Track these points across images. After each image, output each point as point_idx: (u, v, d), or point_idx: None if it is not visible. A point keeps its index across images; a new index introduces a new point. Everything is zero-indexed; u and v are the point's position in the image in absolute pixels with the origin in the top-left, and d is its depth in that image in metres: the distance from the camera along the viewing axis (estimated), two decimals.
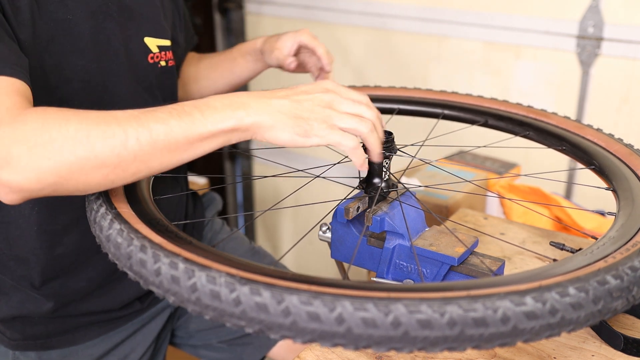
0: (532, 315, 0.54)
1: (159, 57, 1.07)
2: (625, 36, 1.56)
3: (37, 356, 1.08)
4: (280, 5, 2.13)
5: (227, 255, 0.62)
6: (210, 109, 0.70)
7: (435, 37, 1.86)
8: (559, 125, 1.01)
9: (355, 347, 0.54)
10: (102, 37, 0.97)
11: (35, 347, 1.08)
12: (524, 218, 1.48)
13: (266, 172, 2.46)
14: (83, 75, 0.94)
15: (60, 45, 0.91)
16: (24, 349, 1.08)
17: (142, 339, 1.19)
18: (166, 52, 1.09)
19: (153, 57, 1.06)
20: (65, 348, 1.10)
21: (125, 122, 0.68)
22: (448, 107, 1.12)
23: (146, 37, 1.04)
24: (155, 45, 1.06)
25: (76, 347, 1.11)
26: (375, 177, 0.88)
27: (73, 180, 0.67)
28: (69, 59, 0.92)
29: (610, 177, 0.86)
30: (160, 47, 1.07)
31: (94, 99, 0.98)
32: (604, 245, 0.67)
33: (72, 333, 1.10)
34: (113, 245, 0.66)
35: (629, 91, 1.61)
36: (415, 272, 0.82)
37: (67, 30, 0.92)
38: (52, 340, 1.09)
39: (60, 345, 1.09)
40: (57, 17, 0.90)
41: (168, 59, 1.09)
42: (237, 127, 0.70)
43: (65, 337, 1.10)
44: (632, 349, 0.83)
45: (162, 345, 1.26)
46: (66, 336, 1.10)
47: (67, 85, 0.93)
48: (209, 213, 1.38)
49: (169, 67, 1.09)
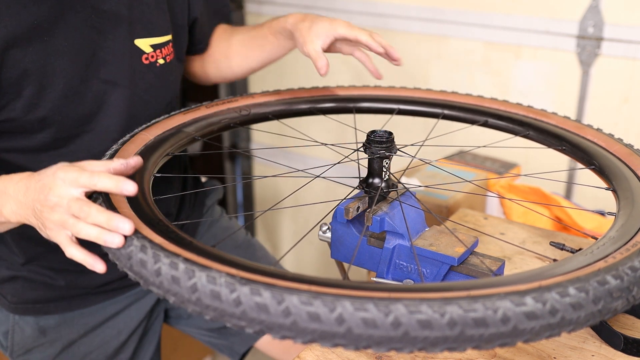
0: (532, 315, 0.54)
1: (154, 56, 1.06)
2: (625, 36, 1.56)
3: (35, 321, 1.13)
4: (280, 5, 2.13)
5: (227, 256, 0.62)
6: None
7: (435, 37, 1.86)
8: (559, 125, 1.01)
9: (355, 347, 0.54)
10: (87, 50, 0.97)
11: (33, 311, 1.13)
12: (524, 218, 1.48)
13: (266, 172, 2.46)
14: (63, 92, 0.96)
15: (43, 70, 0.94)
16: (23, 313, 1.13)
17: (136, 313, 1.22)
18: (162, 48, 1.08)
19: (147, 57, 1.05)
20: (62, 314, 1.14)
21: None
22: (448, 107, 1.12)
23: (137, 40, 1.04)
24: (148, 45, 1.05)
25: (72, 314, 1.15)
26: (375, 177, 0.88)
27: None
28: (53, 79, 0.95)
29: (610, 177, 0.86)
30: (154, 45, 1.06)
31: (86, 111, 0.99)
32: (604, 245, 0.67)
33: (69, 300, 1.14)
34: None
35: (629, 91, 1.61)
36: (415, 272, 0.82)
37: (45, 53, 0.93)
38: (50, 305, 1.13)
39: (56, 310, 1.14)
40: (42, 45, 0.92)
41: (166, 55, 1.09)
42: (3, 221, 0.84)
43: (62, 304, 1.14)
44: (632, 349, 0.83)
45: (155, 322, 1.28)
46: (63, 302, 1.14)
47: (49, 103, 0.95)
48: (209, 200, 1.39)
49: (168, 63, 1.09)
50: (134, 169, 0.79)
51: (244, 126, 1.20)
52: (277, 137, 2.19)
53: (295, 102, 1.16)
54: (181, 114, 1.01)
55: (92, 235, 0.69)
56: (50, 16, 0.93)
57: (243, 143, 2.45)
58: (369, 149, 0.87)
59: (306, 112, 1.15)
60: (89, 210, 0.70)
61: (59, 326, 1.14)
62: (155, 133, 0.93)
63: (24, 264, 1.11)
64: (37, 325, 1.13)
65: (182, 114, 1.01)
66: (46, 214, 0.74)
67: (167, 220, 0.71)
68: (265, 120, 1.13)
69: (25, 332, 1.13)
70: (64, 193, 0.73)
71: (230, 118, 1.06)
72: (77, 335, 1.16)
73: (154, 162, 0.86)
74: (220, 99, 1.10)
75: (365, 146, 0.87)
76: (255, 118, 1.11)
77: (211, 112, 1.05)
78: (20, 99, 0.93)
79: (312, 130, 2.02)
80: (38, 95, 0.94)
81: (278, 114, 1.13)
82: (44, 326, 1.14)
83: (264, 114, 1.12)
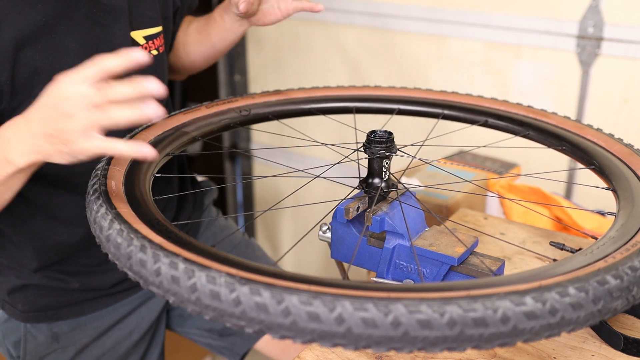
0: (532, 315, 0.54)
1: (148, 48, 1.07)
2: (625, 36, 1.56)
3: (47, 328, 1.12)
4: None
5: (227, 256, 0.62)
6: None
7: (435, 37, 1.86)
8: (559, 125, 1.01)
9: (355, 347, 0.54)
10: (92, 45, 0.97)
11: (46, 318, 1.12)
12: (524, 218, 1.48)
13: (266, 172, 2.46)
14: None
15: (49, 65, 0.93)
16: (35, 321, 1.11)
17: (147, 313, 1.22)
18: (154, 39, 1.08)
19: (142, 49, 1.05)
20: (74, 319, 1.13)
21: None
22: (448, 107, 1.12)
23: (132, 32, 1.04)
24: (141, 37, 1.06)
25: (84, 318, 1.14)
26: (375, 177, 0.88)
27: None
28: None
29: (610, 177, 0.86)
30: (147, 37, 1.07)
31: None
32: (604, 245, 0.67)
33: (80, 305, 1.13)
34: (113, 245, 0.66)
35: (629, 91, 1.61)
36: (415, 272, 0.82)
37: (53, 50, 0.92)
38: (63, 310, 1.12)
39: (69, 315, 1.13)
40: (44, 42, 0.91)
41: (158, 46, 1.09)
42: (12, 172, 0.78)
43: (74, 308, 1.13)
44: (632, 349, 0.83)
45: (160, 325, 1.28)
46: (75, 307, 1.13)
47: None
48: (207, 200, 1.40)
49: (160, 54, 1.10)
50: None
51: (244, 126, 1.20)
52: (277, 137, 2.19)
53: (295, 102, 1.16)
54: (181, 114, 1.01)
55: (131, 115, 0.64)
56: (55, 13, 0.93)
57: (243, 143, 2.45)
58: (369, 149, 0.87)
59: (306, 112, 1.15)
60: (112, 88, 0.64)
61: (72, 331, 1.13)
62: (155, 133, 0.93)
63: (37, 271, 1.09)
64: (50, 331, 1.12)
65: (182, 114, 1.01)
66: (63, 126, 0.68)
67: (167, 220, 0.71)
68: (266, 120, 1.13)
69: (38, 339, 1.12)
70: (74, 92, 0.66)
71: (231, 118, 1.07)
72: (89, 338, 1.15)
73: (154, 162, 0.86)
74: (220, 99, 1.10)
75: (365, 146, 0.87)
76: (255, 118, 1.11)
77: (211, 112, 1.05)
78: (30, 99, 0.92)
79: (312, 130, 2.02)
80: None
81: (278, 114, 1.13)
82: (57, 332, 1.12)
83: (264, 114, 1.12)
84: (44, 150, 0.73)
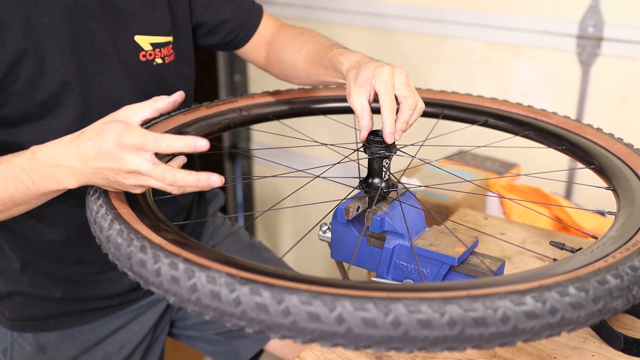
0: (532, 315, 0.54)
1: (152, 55, 1.06)
2: (625, 36, 1.56)
3: (34, 338, 1.12)
4: (280, 5, 2.13)
5: (227, 256, 0.62)
6: (37, 175, 0.78)
7: (435, 37, 1.86)
8: (559, 125, 1.01)
9: (355, 347, 0.54)
10: (84, 38, 0.97)
11: (32, 328, 1.12)
12: (524, 218, 1.48)
13: (266, 172, 2.46)
14: (64, 77, 0.95)
15: (39, 50, 0.92)
16: (22, 330, 1.12)
17: (139, 329, 1.21)
18: (162, 48, 1.08)
19: (145, 55, 1.05)
20: (62, 331, 1.13)
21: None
22: (448, 107, 1.12)
23: (137, 36, 1.04)
24: (147, 42, 1.05)
25: (72, 331, 1.14)
26: (375, 177, 0.88)
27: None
28: (46, 62, 0.93)
29: (610, 176, 0.86)
30: (154, 44, 1.06)
31: (79, 99, 0.98)
32: (604, 244, 0.67)
33: (67, 316, 1.13)
34: (113, 245, 0.66)
35: (629, 91, 1.61)
36: (415, 272, 0.82)
37: (44, 34, 0.92)
38: (49, 322, 1.12)
39: (56, 327, 1.13)
40: (33, 22, 0.91)
41: (165, 56, 1.08)
42: (61, 189, 0.79)
43: (61, 320, 1.13)
44: (632, 349, 0.83)
45: (160, 336, 1.27)
46: (62, 319, 1.13)
47: (47, 87, 0.94)
48: (211, 208, 1.39)
49: (166, 64, 1.09)
50: (176, 104, 0.80)
51: (244, 126, 1.20)
52: (277, 137, 2.19)
53: (295, 102, 1.16)
54: (181, 114, 1.01)
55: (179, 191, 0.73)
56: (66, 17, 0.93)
57: (243, 143, 2.45)
58: (369, 149, 0.87)
59: (306, 112, 1.15)
60: (173, 176, 0.71)
61: (59, 343, 1.13)
62: None
63: (22, 270, 1.09)
64: (36, 342, 1.12)
65: (182, 114, 1.01)
66: (121, 179, 0.73)
67: (167, 221, 0.72)
68: (266, 120, 1.13)
69: (25, 349, 1.12)
70: (137, 163, 0.72)
71: (231, 118, 1.07)
72: (77, 351, 1.14)
73: None
74: (220, 100, 1.10)
75: (365, 146, 0.87)
76: (255, 118, 1.11)
77: (211, 113, 1.05)
78: (19, 82, 0.93)
79: (312, 130, 2.02)
80: (35, 79, 0.93)
81: (278, 114, 1.13)
82: (44, 343, 1.12)
83: (264, 114, 1.12)
84: (95, 182, 0.77)
